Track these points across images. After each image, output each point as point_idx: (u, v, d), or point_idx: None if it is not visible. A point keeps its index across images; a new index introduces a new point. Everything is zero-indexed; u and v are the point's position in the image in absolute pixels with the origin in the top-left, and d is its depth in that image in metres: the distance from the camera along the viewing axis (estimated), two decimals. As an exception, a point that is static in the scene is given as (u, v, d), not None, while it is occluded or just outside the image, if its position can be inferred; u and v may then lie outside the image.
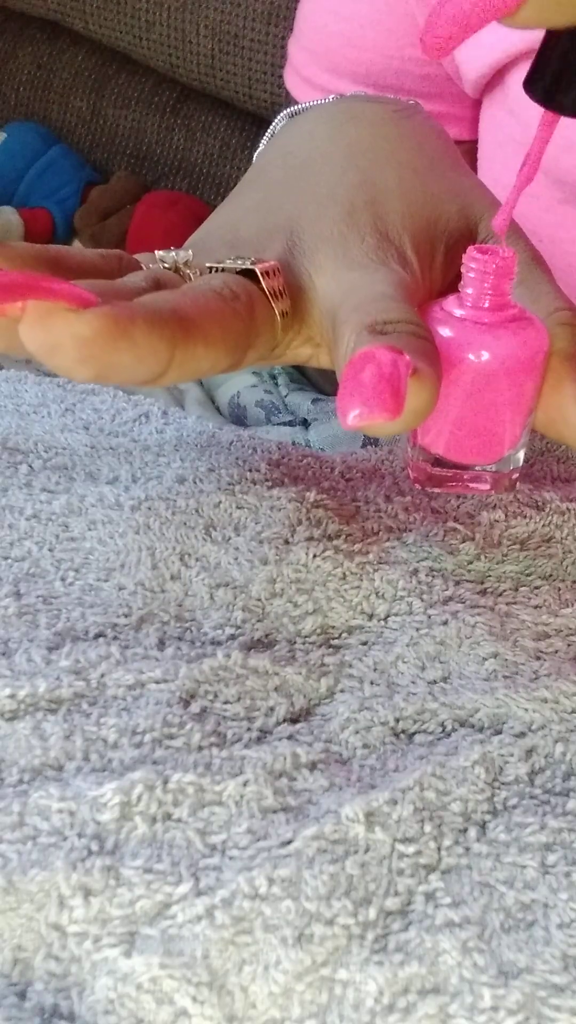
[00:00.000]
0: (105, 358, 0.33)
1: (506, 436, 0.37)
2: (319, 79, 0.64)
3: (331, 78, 0.64)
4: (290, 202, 0.42)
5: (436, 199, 0.42)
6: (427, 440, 0.38)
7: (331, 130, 0.45)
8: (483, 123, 0.60)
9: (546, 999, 0.26)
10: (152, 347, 0.33)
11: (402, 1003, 0.26)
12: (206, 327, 0.35)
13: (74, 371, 0.33)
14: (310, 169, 0.43)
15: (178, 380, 0.35)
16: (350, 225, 0.40)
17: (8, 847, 0.28)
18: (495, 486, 0.39)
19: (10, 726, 0.32)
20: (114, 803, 0.29)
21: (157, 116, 1.26)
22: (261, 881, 0.28)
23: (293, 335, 0.39)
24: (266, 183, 0.44)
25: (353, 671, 0.36)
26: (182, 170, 1.25)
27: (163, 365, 0.34)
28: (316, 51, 0.64)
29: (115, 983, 0.26)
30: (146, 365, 0.34)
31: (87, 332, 0.32)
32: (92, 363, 0.33)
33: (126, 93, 1.27)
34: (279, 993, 0.26)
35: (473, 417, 0.37)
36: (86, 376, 0.33)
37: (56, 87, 1.30)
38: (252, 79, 1.12)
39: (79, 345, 0.32)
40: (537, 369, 0.36)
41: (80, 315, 0.32)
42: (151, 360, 0.34)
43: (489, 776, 0.32)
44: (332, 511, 0.41)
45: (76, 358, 0.32)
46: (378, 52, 0.61)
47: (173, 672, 0.34)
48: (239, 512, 0.40)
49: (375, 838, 0.29)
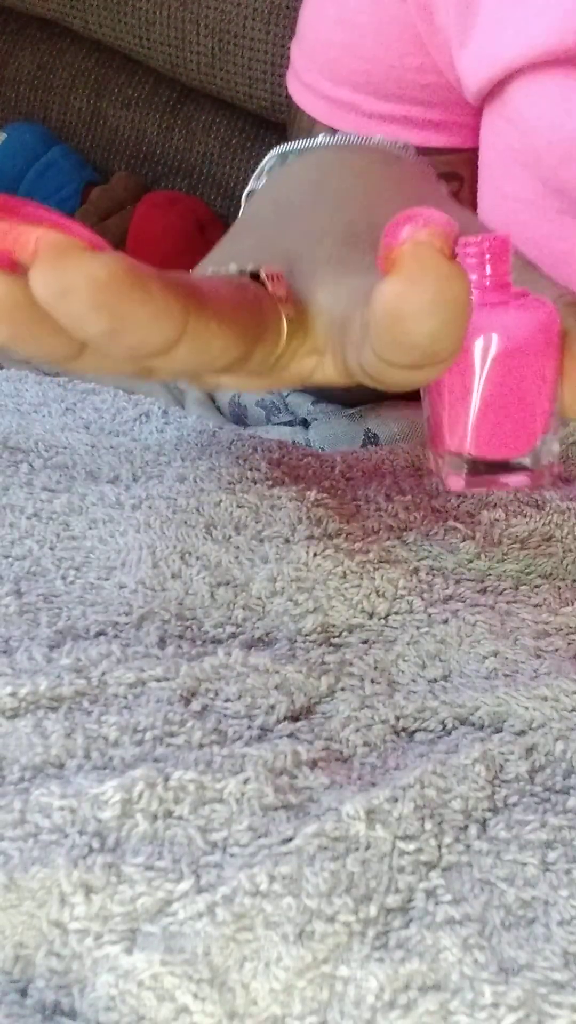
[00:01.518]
0: (120, 307, 0.31)
1: (536, 419, 0.36)
2: (320, 86, 0.64)
3: (332, 86, 0.64)
4: (286, 240, 0.42)
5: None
6: (455, 442, 0.37)
7: (320, 178, 0.46)
8: (484, 131, 0.60)
9: (546, 996, 0.26)
10: (167, 306, 0.32)
11: (403, 1000, 0.26)
12: (219, 304, 0.34)
13: (87, 319, 0.31)
14: (303, 212, 0.44)
15: (189, 359, 0.34)
16: (350, 248, 0.40)
17: (10, 844, 0.28)
18: (536, 480, 0.38)
19: (11, 724, 0.32)
20: (115, 800, 0.29)
21: (157, 116, 1.26)
22: (262, 878, 0.28)
23: (298, 344, 0.38)
24: (259, 227, 0.44)
25: (354, 669, 0.36)
26: (182, 170, 1.25)
27: (177, 330, 0.32)
28: (317, 58, 0.64)
29: (116, 980, 0.26)
30: (160, 325, 0.32)
31: (103, 274, 0.31)
32: (105, 311, 0.31)
33: (126, 93, 1.27)
34: (280, 990, 0.26)
35: (497, 404, 0.36)
36: (98, 327, 0.31)
37: (56, 87, 1.30)
38: (252, 78, 1.12)
39: (94, 288, 0.31)
40: (553, 345, 0.36)
41: (96, 255, 0.31)
42: (166, 320, 0.32)
43: (489, 774, 0.32)
44: (332, 510, 0.41)
45: (90, 303, 0.31)
46: (378, 61, 0.61)
47: (174, 670, 0.34)
48: (239, 511, 0.40)
49: (376, 835, 0.29)
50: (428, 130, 0.63)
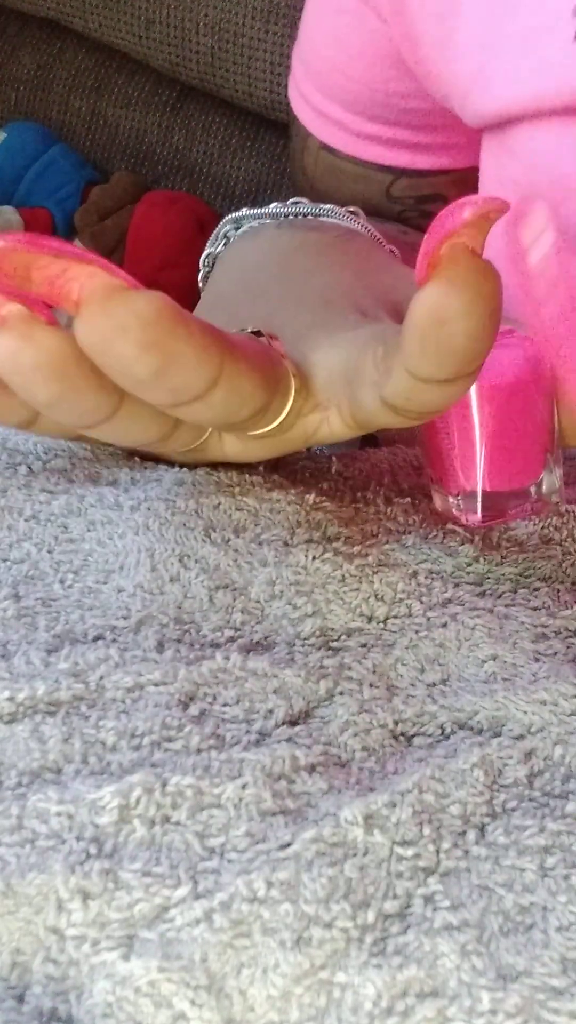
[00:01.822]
0: (168, 345, 0.31)
1: (539, 447, 0.38)
2: (313, 98, 0.64)
3: (323, 99, 0.63)
4: (259, 311, 0.42)
5: (396, 287, 0.44)
6: (470, 482, 0.39)
7: (282, 258, 0.47)
8: (484, 156, 0.60)
9: (545, 1002, 0.26)
10: (207, 345, 0.32)
11: (400, 1006, 0.26)
12: (246, 351, 0.35)
13: (138, 360, 0.31)
14: (273, 287, 0.44)
15: (223, 404, 0.34)
16: (329, 310, 0.41)
17: (6, 850, 0.28)
18: (545, 506, 0.40)
19: (8, 729, 0.32)
20: (113, 806, 0.29)
21: (157, 116, 1.26)
22: (260, 884, 0.28)
23: (302, 402, 0.38)
24: (227, 307, 0.44)
25: (352, 673, 0.36)
26: (182, 170, 1.25)
27: (217, 370, 0.33)
28: (311, 70, 0.64)
29: (113, 986, 0.26)
30: (203, 364, 0.32)
31: (151, 312, 0.31)
32: (156, 350, 0.31)
33: (126, 93, 1.27)
34: (277, 996, 0.26)
35: (502, 439, 0.38)
36: (147, 368, 0.32)
37: (56, 87, 1.30)
38: (252, 77, 1.12)
39: (144, 326, 0.31)
40: (544, 376, 0.37)
41: (142, 294, 0.31)
42: (207, 359, 0.32)
43: (488, 779, 0.32)
44: (331, 513, 0.41)
45: (141, 342, 0.31)
46: (365, 84, 0.61)
47: (172, 674, 0.34)
48: (238, 514, 0.40)
49: (374, 841, 0.29)
50: (415, 152, 0.63)
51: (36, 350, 0.33)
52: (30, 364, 0.33)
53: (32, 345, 0.33)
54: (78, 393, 0.34)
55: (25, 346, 0.33)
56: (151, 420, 0.36)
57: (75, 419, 0.35)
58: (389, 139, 0.62)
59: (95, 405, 0.34)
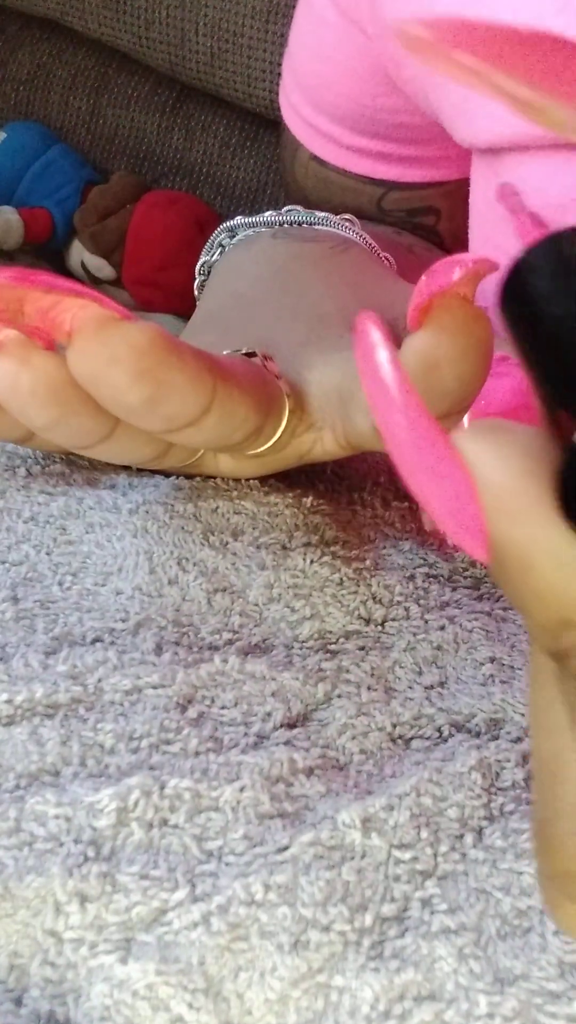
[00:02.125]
0: (160, 373, 0.32)
1: None
2: (303, 109, 0.64)
3: (312, 111, 0.63)
4: (255, 327, 0.43)
5: (390, 305, 0.44)
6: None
7: (276, 270, 0.47)
8: (474, 176, 0.59)
9: (542, 1006, 0.26)
10: (199, 372, 0.33)
11: (398, 1010, 0.26)
12: (238, 375, 0.35)
13: (131, 389, 0.32)
14: (267, 301, 0.44)
15: (215, 429, 0.34)
16: (323, 328, 0.41)
17: (4, 853, 0.28)
18: None
19: (7, 731, 0.32)
20: (111, 809, 0.29)
21: (157, 116, 1.26)
22: (257, 887, 0.28)
23: (296, 422, 0.38)
24: (221, 321, 0.45)
25: (350, 676, 0.36)
26: (182, 170, 1.25)
27: (209, 396, 0.33)
28: (300, 82, 0.63)
29: (111, 989, 0.26)
30: (195, 391, 0.33)
31: (143, 341, 0.31)
32: (148, 379, 0.32)
33: (126, 93, 1.27)
34: (275, 1000, 0.26)
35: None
36: (141, 395, 0.32)
37: (56, 87, 1.30)
38: (251, 77, 1.12)
39: (137, 356, 0.31)
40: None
41: (134, 324, 0.32)
42: (199, 386, 0.33)
43: (486, 782, 0.32)
44: (329, 516, 0.41)
45: (134, 371, 0.31)
46: (352, 99, 0.60)
47: (170, 677, 0.34)
48: (236, 518, 0.40)
49: (371, 844, 0.29)
50: (406, 165, 0.63)
51: (33, 374, 0.33)
52: (27, 388, 0.33)
53: (29, 369, 0.33)
54: (74, 417, 0.34)
55: (22, 370, 0.33)
56: (145, 442, 0.37)
57: (71, 441, 0.36)
58: (379, 152, 0.62)
59: (90, 428, 0.34)
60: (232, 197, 1.22)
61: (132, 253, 1.20)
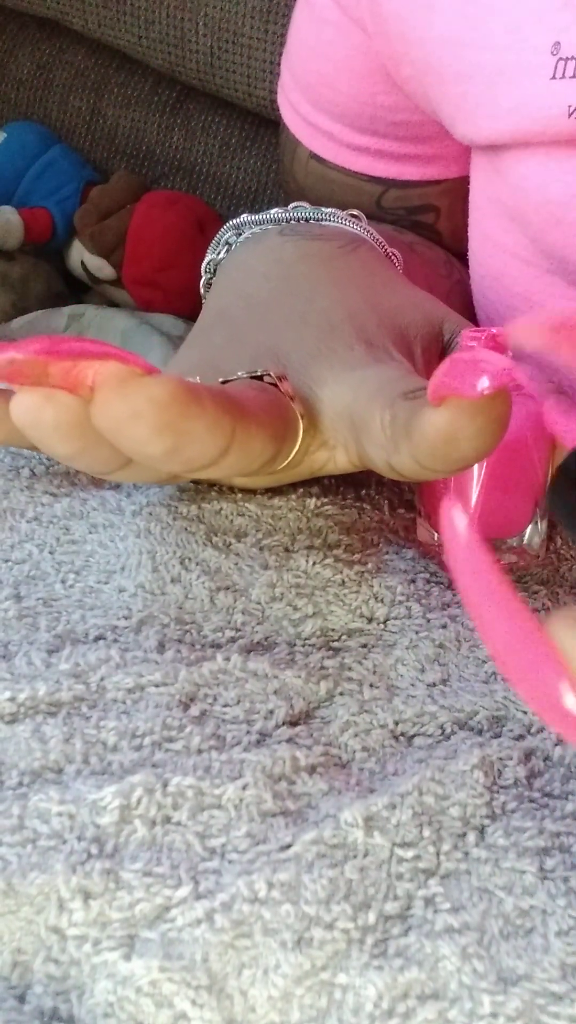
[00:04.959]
0: (181, 425, 0.32)
1: (528, 503, 0.39)
2: (302, 107, 0.63)
3: (311, 109, 0.63)
4: (264, 333, 0.43)
5: (401, 310, 0.44)
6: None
7: (285, 270, 0.47)
8: (474, 173, 0.59)
9: (545, 1007, 0.26)
10: (218, 417, 0.33)
11: (401, 1008, 0.26)
12: (254, 409, 0.35)
13: (151, 442, 0.32)
14: (276, 304, 0.44)
15: (234, 466, 0.35)
16: (334, 338, 0.41)
17: (8, 850, 0.28)
18: (528, 557, 0.41)
19: (10, 729, 0.32)
20: (114, 806, 0.29)
21: (157, 116, 1.26)
22: (260, 885, 0.28)
23: (310, 440, 0.39)
24: (230, 323, 0.45)
25: (352, 674, 0.36)
26: (182, 170, 1.25)
27: (228, 439, 0.34)
28: (299, 80, 0.63)
29: (114, 986, 0.26)
30: (214, 437, 0.33)
31: (164, 395, 0.32)
32: (169, 431, 0.32)
33: (126, 93, 1.27)
34: (278, 997, 0.26)
35: (495, 492, 0.39)
36: (162, 448, 0.32)
37: (56, 87, 1.30)
38: (251, 77, 1.12)
39: (158, 410, 0.32)
40: (542, 436, 0.38)
41: (154, 378, 0.32)
42: (218, 432, 0.33)
43: (488, 780, 0.32)
44: (332, 518, 0.41)
45: (155, 425, 0.32)
46: (351, 97, 0.60)
47: (173, 675, 0.34)
48: (240, 519, 0.40)
49: (374, 843, 0.29)
50: (405, 163, 0.63)
51: (56, 410, 0.33)
52: (50, 423, 0.34)
53: (52, 405, 0.33)
54: (95, 449, 0.35)
55: (46, 405, 0.33)
56: (166, 474, 0.38)
57: (90, 469, 0.36)
58: (378, 150, 0.62)
59: (109, 458, 0.35)
60: (232, 197, 1.22)
61: (132, 253, 1.20)
